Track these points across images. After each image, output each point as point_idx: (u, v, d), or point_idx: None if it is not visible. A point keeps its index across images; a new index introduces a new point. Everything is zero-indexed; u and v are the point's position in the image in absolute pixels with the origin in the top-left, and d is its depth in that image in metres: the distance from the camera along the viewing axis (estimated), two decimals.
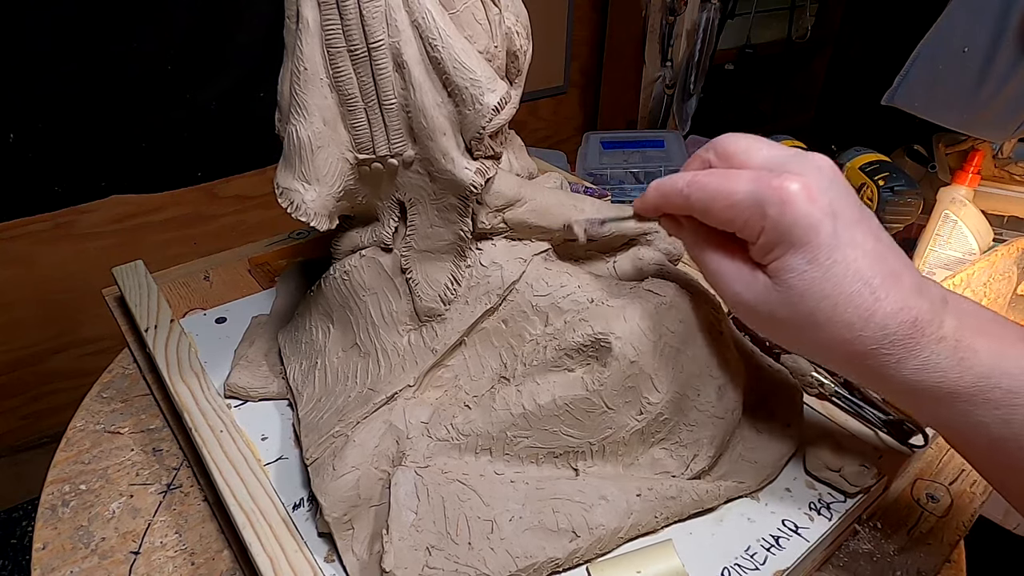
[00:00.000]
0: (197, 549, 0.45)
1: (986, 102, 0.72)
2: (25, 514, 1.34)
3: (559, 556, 0.39)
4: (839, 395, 0.50)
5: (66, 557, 0.45)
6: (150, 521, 0.47)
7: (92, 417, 0.56)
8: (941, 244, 0.84)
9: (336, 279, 0.48)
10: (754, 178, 0.33)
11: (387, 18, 0.39)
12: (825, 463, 0.45)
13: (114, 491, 0.49)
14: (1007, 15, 0.69)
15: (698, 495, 0.42)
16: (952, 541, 0.45)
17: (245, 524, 0.41)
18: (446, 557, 0.38)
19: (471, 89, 0.39)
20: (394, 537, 0.37)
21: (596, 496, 0.41)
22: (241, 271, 0.69)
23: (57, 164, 1.03)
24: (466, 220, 0.43)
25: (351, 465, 0.40)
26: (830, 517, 0.43)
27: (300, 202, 0.41)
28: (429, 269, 0.45)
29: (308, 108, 0.41)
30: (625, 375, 0.41)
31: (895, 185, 0.71)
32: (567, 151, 1.31)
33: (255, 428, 0.49)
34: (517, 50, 0.45)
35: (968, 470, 0.51)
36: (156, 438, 0.54)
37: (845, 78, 1.60)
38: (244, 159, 1.15)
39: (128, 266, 0.63)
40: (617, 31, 1.43)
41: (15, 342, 1.18)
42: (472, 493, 0.40)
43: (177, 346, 0.54)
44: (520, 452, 0.42)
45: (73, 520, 0.47)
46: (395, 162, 0.43)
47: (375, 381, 0.45)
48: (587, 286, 0.45)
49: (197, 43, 1.02)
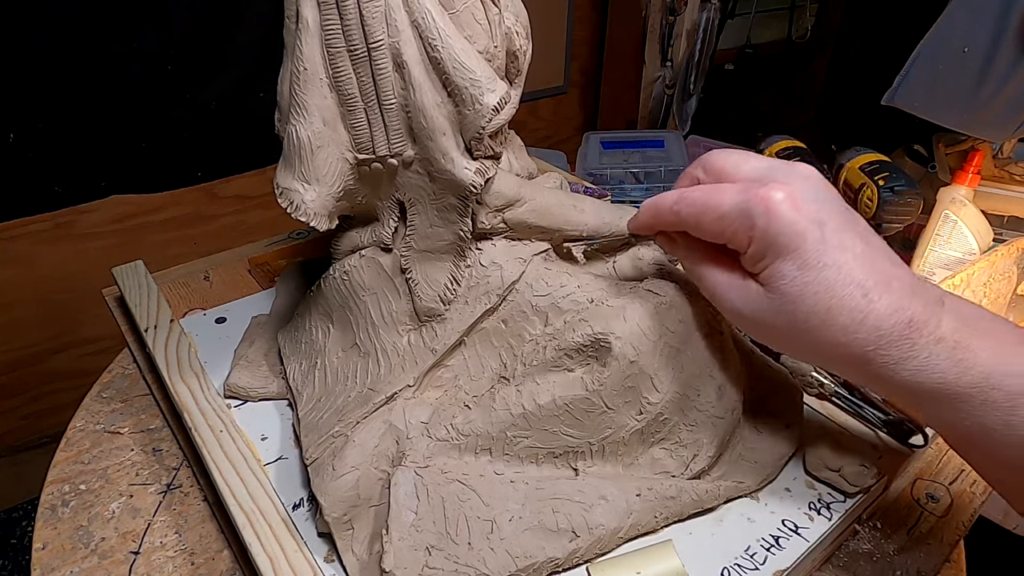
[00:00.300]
0: (197, 549, 0.45)
1: (986, 102, 0.72)
2: (25, 514, 1.34)
3: (559, 556, 0.39)
4: (839, 395, 0.50)
5: (66, 557, 0.45)
6: (150, 521, 0.47)
7: (92, 417, 0.56)
8: (941, 244, 0.84)
9: (336, 279, 0.48)
10: (740, 190, 0.34)
11: (387, 18, 0.39)
12: (825, 463, 0.45)
13: (114, 491, 0.49)
14: (1007, 15, 0.69)
15: (698, 495, 0.42)
16: (952, 541, 0.45)
17: (245, 524, 0.41)
18: (446, 557, 0.38)
19: (471, 89, 0.39)
20: (394, 537, 0.37)
21: (596, 496, 0.41)
22: (241, 271, 0.69)
23: (57, 164, 1.03)
24: (466, 220, 0.43)
25: (351, 465, 0.40)
26: (830, 517, 0.43)
27: (300, 202, 0.41)
28: (429, 269, 0.45)
29: (308, 108, 0.41)
30: (625, 375, 0.41)
31: (895, 185, 0.71)
32: (567, 151, 1.31)
33: (255, 428, 0.49)
34: (517, 50, 0.45)
35: (968, 470, 0.51)
36: (156, 438, 0.54)
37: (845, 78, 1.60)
38: (244, 159, 1.15)
39: (128, 266, 0.63)
40: (617, 31, 1.43)
41: (15, 342, 1.18)
42: (472, 493, 0.40)
43: (177, 346, 0.54)
44: (520, 452, 0.42)
45: (73, 520, 0.47)
46: (395, 162, 0.43)
47: (375, 381, 0.45)
48: (587, 286, 0.45)
49: (197, 43, 1.02)
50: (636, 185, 0.91)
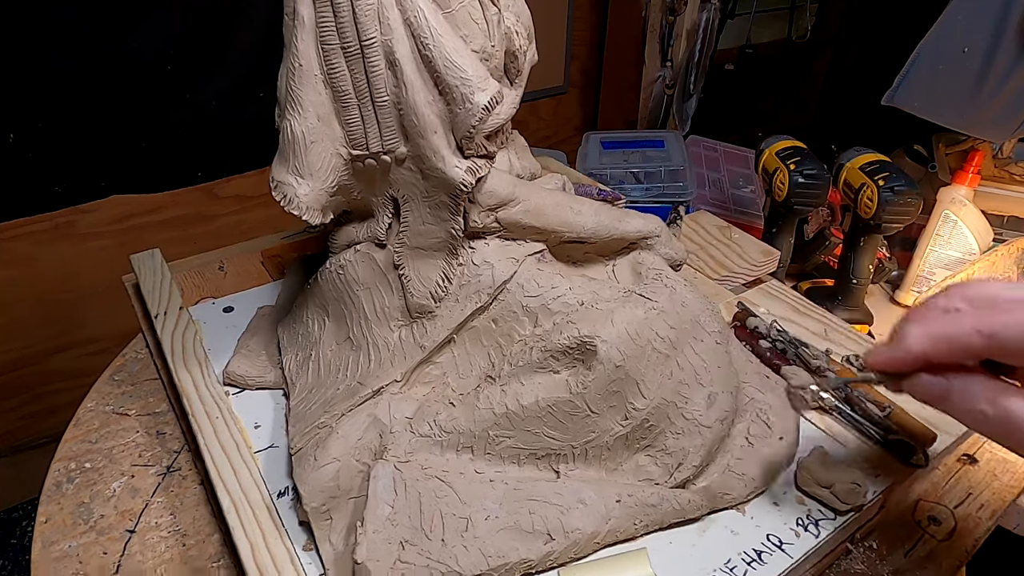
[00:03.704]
0: (189, 531, 0.46)
1: (986, 102, 0.72)
2: (25, 514, 1.34)
3: (532, 558, 0.38)
4: (839, 410, 0.49)
5: (66, 532, 0.46)
6: (148, 501, 0.48)
7: (103, 398, 0.57)
8: (941, 244, 0.84)
9: (332, 273, 0.49)
10: None
11: (379, 16, 0.39)
12: (816, 479, 0.43)
13: (116, 471, 0.51)
14: (1007, 15, 0.68)
15: (680, 504, 0.41)
16: (952, 567, 0.43)
17: (230, 508, 0.42)
18: (419, 552, 0.38)
19: (461, 88, 0.39)
20: (368, 529, 0.38)
21: (574, 499, 0.40)
22: (255, 263, 0.70)
23: (57, 164, 1.03)
24: (457, 218, 0.43)
25: (333, 456, 0.41)
26: (817, 534, 0.42)
27: (293, 195, 0.42)
28: (421, 266, 0.45)
29: (302, 103, 0.41)
30: (610, 379, 0.40)
31: (895, 185, 0.71)
32: (567, 151, 1.31)
33: (250, 416, 0.50)
34: (516, 50, 0.45)
35: (976, 493, 0.48)
36: (161, 421, 0.55)
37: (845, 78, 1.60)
38: (244, 159, 1.15)
39: (145, 254, 0.65)
40: (617, 31, 1.43)
41: (15, 342, 1.18)
42: (449, 490, 0.41)
43: (184, 333, 0.55)
44: (502, 452, 0.42)
45: (76, 496, 0.49)
46: (388, 159, 0.43)
47: (364, 375, 0.45)
48: (578, 288, 0.44)
49: (197, 43, 1.02)
50: (636, 185, 0.91)
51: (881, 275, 0.88)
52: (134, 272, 0.63)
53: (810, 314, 0.59)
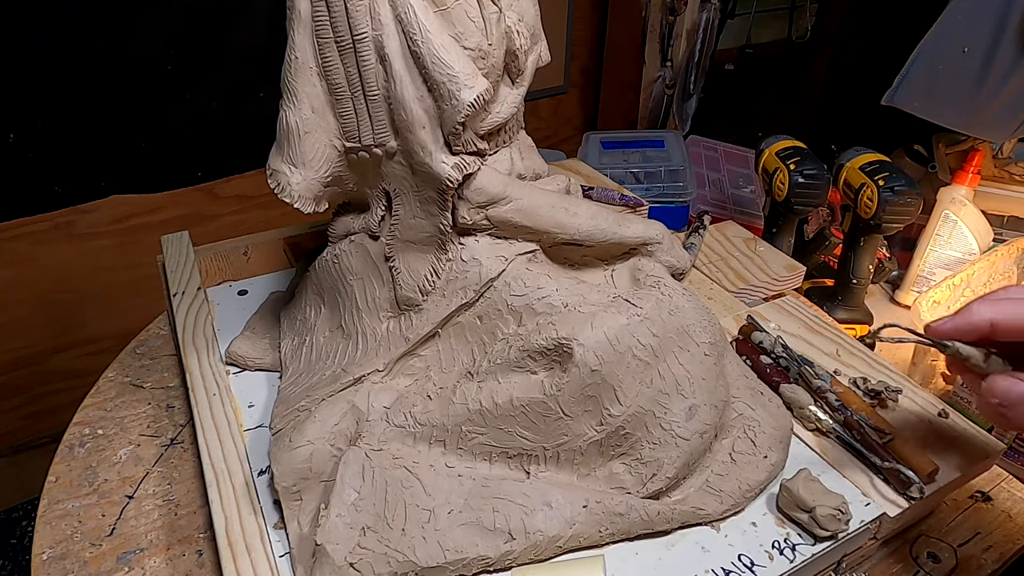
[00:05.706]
0: (183, 501, 0.48)
1: (986, 102, 0.72)
2: (25, 514, 1.33)
3: (490, 555, 0.38)
4: (836, 432, 0.47)
5: (71, 492, 0.49)
6: (148, 470, 0.51)
7: (123, 369, 0.60)
8: (941, 244, 0.84)
9: (328, 262, 0.50)
10: None
11: (371, 11, 0.40)
12: (797, 502, 0.41)
13: (125, 439, 0.53)
14: (1007, 15, 0.68)
15: (648, 516, 0.40)
16: None
17: (212, 482, 0.43)
18: (379, 540, 0.38)
19: (448, 84, 0.40)
20: (332, 513, 0.38)
21: (540, 501, 0.40)
22: (278, 250, 0.71)
23: (57, 164, 1.03)
24: (445, 214, 0.44)
25: (307, 439, 0.42)
26: (792, 559, 0.40)
27: (285, 184, 0.43)
28: (411, 259, 0.46)
29: (297, 95, 0.42)
30: (585, 383, 0.40)
31: (895, 185, 0.71)
32: (567, 151, 1.30)
33: (245, 395, 0.52)
34: (517, 49, 0.45)
35: (984, 533, 0.46)
36: (172, 396, 0.57)
37: (845, 78, 1.59)
38: (244, 159, 1.15)
39: (175, 235, 0.67)
40: (617, 31, 1.42)
41: (15, 342, 1.18)
42: (416, 481, 0.41)
43: (197, 312, 0.57)
44: (473, 448, 0.42)
45: (85, 460, 0.52)
46: (379, 152, 0.44)
47: (349, 363, 0.46)
48: (565, 291, 0.44)
49: (197, 43, 1.02)
50: (636, 185, 0.91)
51: (881, 275, 0.87)
52: (163, 252, 0.66)
53: (823, 332, 0.57)
